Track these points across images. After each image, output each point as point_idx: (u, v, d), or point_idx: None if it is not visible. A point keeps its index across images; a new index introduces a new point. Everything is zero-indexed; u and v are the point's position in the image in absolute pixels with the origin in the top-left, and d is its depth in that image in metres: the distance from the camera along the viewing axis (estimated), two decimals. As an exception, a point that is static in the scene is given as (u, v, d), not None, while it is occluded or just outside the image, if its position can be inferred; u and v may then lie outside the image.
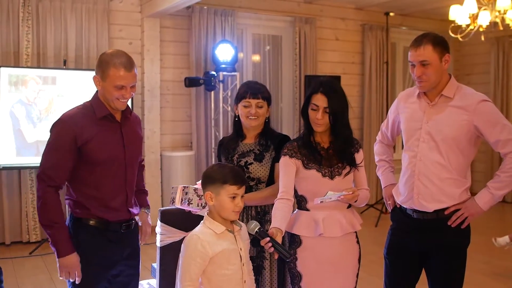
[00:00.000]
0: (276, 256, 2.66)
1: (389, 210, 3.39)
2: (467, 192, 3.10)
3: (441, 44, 2.99)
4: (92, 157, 2.80)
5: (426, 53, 2.95)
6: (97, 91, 2.93)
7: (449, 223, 3.04)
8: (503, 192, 3.03)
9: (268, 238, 2.59)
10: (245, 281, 2.66)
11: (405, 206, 3.18)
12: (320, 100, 2.88)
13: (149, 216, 3.23)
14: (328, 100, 2.86)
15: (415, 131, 3.11)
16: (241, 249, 2.66)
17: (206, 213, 2.71)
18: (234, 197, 2.60)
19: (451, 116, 3.00)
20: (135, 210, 3.03)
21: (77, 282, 2.82)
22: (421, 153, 3.07)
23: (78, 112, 2.87)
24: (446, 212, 3.04)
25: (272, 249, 2.59)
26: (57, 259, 2.80)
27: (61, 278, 2.84)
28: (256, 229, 2.64)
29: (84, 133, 2.78)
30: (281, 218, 2.80)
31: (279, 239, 2.64)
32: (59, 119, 2.83)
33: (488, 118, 2.97)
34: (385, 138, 3.49)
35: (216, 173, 2.66)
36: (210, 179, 2.66)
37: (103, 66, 2.81)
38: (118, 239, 2.94)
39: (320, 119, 2.88)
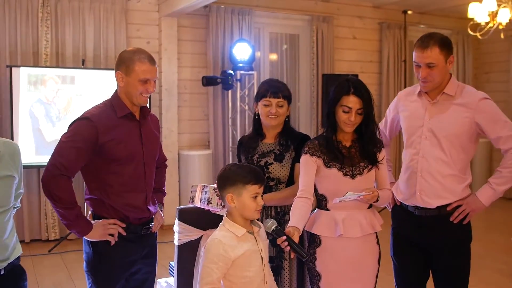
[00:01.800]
0: (292, 255, 2.65)
1: (389, 209, 3.39)
2: (468, 189, 3.15)
3: (447, 45, 3.02)
4: (112, 154, 2.82)
5: (433, 55, 2.97)
6: (116, 91, 2.95)
7: (451, 219, 3.09)
8: (505, 187, 3.09)
9: (284, 237, 2.58)
10: (266, 282, 2.65)
11: (406, 204, 3.21)
12: (352, 102, 2.85)
13: (161, 212, 3.22)
14: (363, 101, 2.85)
15: (417, 129, 3.15)
16: (261, 250, 2.65)
17: (225, 214, 2.69)
18: (255, 197, 2.59)
19: (453, 114, 3.06)
20: (153, 208, 3.06)
21: (120, 231, 2.87)
22: (423, 150, 3.12)
23: (101, 111, 2.88)
24: (448, 209, 3.09)
25: (289, 248, 2.58)
26: (86, 238, 2.86)
27: (113, 239, 2.87)
28: (273, 228, 2.63)
29: (106, 132, 2.80)
30: (299, 217, 2.79)
31: (296, 238, 2.62)
32: (83, 117, 2.85)
33: (489, 115, 3.02)
34: (382, 137, 3.49)
35: (236, 174, 2.62)
36: (230, 180, 2.62)
37: (127, 62, 2.85)
38: (138, 239, 2.97)
39: (353, 121, 2.86)
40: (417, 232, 3.18)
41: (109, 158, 2.83)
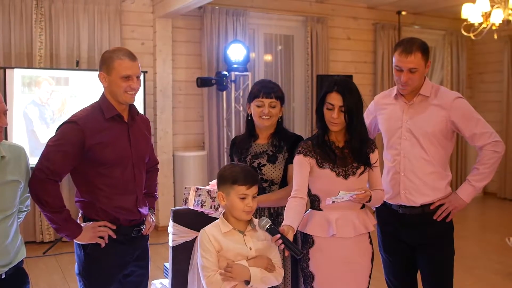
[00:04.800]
0: (287, 253, 2.65)
1: (373, 208, 3.43)
2: (449, 185, 3.28)
3: (427, 51, 3.15)
4: (100, 158, 2.81)
5: (416, 60, 3.09)
6: (103, 92, 2.95)
7: (434, 217, 3.19)
8: (484, 183, 3.23)
9: (278, 235, 2.58)
10: None
11: (390, 203, 3.30)
12: (335, 99, 2.86)
13: (152, 216, 3.21)
14: (343, 98, 2.85)
15: (396, 130, 3.26)
16: (250, 249, 2.65)
17: (221, 214, 2.72)
18: (244, 198, 2.61)
19: (430, 113, 3.18)
20: (144, 210, 3.05)
21: (110, 234, 2.86)
22: (404, 150, 3.23)
23: (87, 113, 2.88)
24: (431, 207, 3.19)
25: (283, 246, 2.59)
26: (76, 241, 2.86)
27: (103, 242, 2.86)
28: (267, 226, 2.63)
29: (93, 136, 2.79)
30: (293, 216, 2.80)
31: (290, 237, 2.63)
32: (69, 120, 2.84)
33: (464, 113, 3.16)
34: None
35: (227, 173, 2.67)
36: (221, 179, 2.68)
37: (107, 61, 2.85)
38: (129, 241, 2.96)
39: (336, 118, 2.87)
40: (401, 230, 3.28)
41: (97, 161, 2.82)
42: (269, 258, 2.68)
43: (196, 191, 3.13)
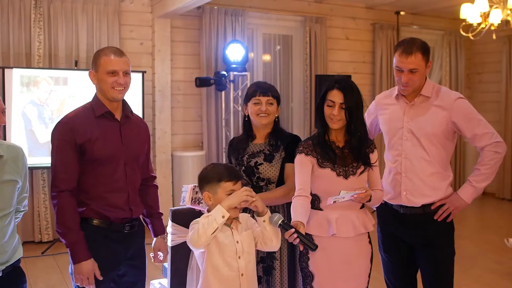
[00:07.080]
0: (301, 248, 2.66)
1: (374, 208, 3.44)
2: (451, 186, 3.26)
3: (427, 51, 3.13)
4: (90, 155, 2.82)
5: (417, 61, 3.07)
6: (95, 92, 2.97)
7: (435, 217, 3.18)
8: (485, 184, 3.20)
9: (293, 230, 2.59)
10: (242, 274, 2.63)
11: (391, 203, 3.29)
12: (336, 96, 2.89)
13: (166, 240, 3.20)
14: (344, 95, 2.87)
15: (397, 131, 3.25)
16: (237, 242, 2.64)
17: (206, 211, 2.70)
18: (231, 194, 2.60)
19: (431, 114, 3.16)
20: (138, 208, 3.03)
21: None
22: (405, 151, 3.21)
23: (77, 113, 2.91)
24: (432, 207, 3.18)
25: (298, 240, 2.59)
26: (72, 265, 2.80)
27: (76, 284, 2.81)
28: (280, 222, 2.63)
29: (83, 132, 2.81)
30: (301, 212, 2.81)
31: (302, 231, 2.65)
32: (58, 122, 2.88)
33: (465, 114, 3.14)
34: None
35: (211, 172, 2.68)
36: (205, 179, 2.68)
37: (95, 59, 2.90)
38: (121, 239, 2.94)
39: (336, 115, 2.88)
40: (401, 229, 3.27)
41: (88, 158, 2.83)
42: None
43: (193, 189, 3.14)
